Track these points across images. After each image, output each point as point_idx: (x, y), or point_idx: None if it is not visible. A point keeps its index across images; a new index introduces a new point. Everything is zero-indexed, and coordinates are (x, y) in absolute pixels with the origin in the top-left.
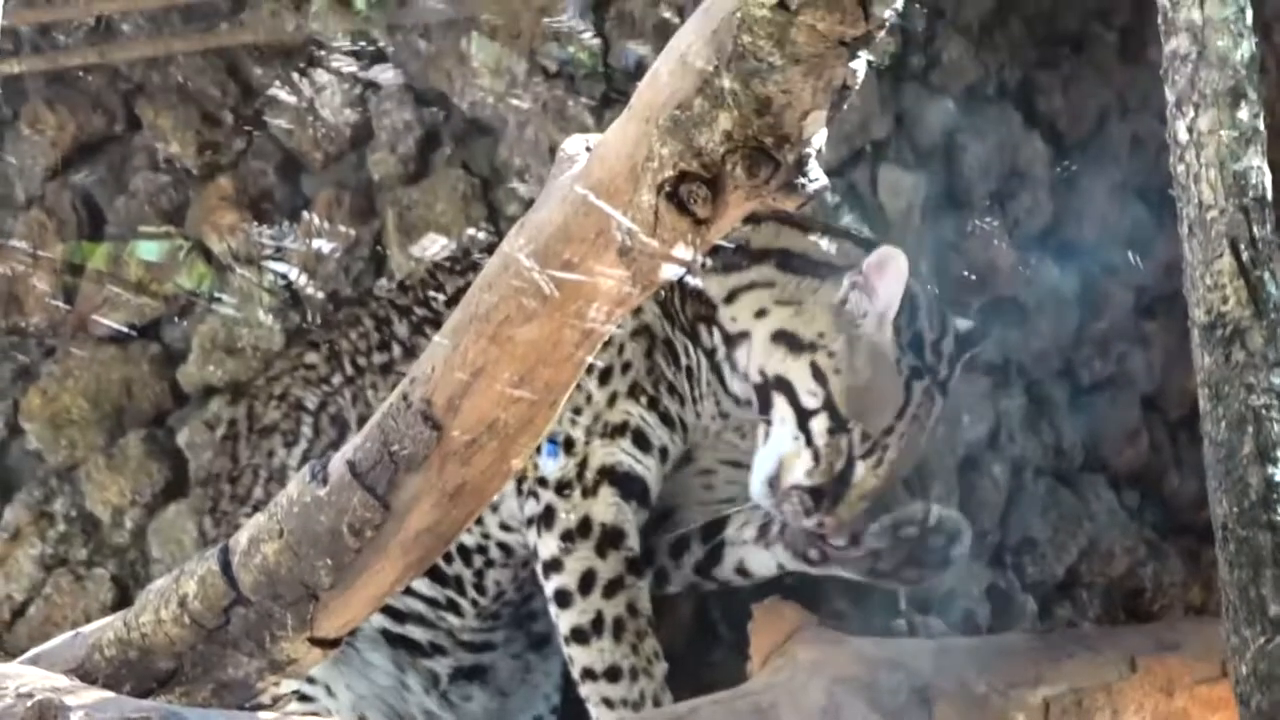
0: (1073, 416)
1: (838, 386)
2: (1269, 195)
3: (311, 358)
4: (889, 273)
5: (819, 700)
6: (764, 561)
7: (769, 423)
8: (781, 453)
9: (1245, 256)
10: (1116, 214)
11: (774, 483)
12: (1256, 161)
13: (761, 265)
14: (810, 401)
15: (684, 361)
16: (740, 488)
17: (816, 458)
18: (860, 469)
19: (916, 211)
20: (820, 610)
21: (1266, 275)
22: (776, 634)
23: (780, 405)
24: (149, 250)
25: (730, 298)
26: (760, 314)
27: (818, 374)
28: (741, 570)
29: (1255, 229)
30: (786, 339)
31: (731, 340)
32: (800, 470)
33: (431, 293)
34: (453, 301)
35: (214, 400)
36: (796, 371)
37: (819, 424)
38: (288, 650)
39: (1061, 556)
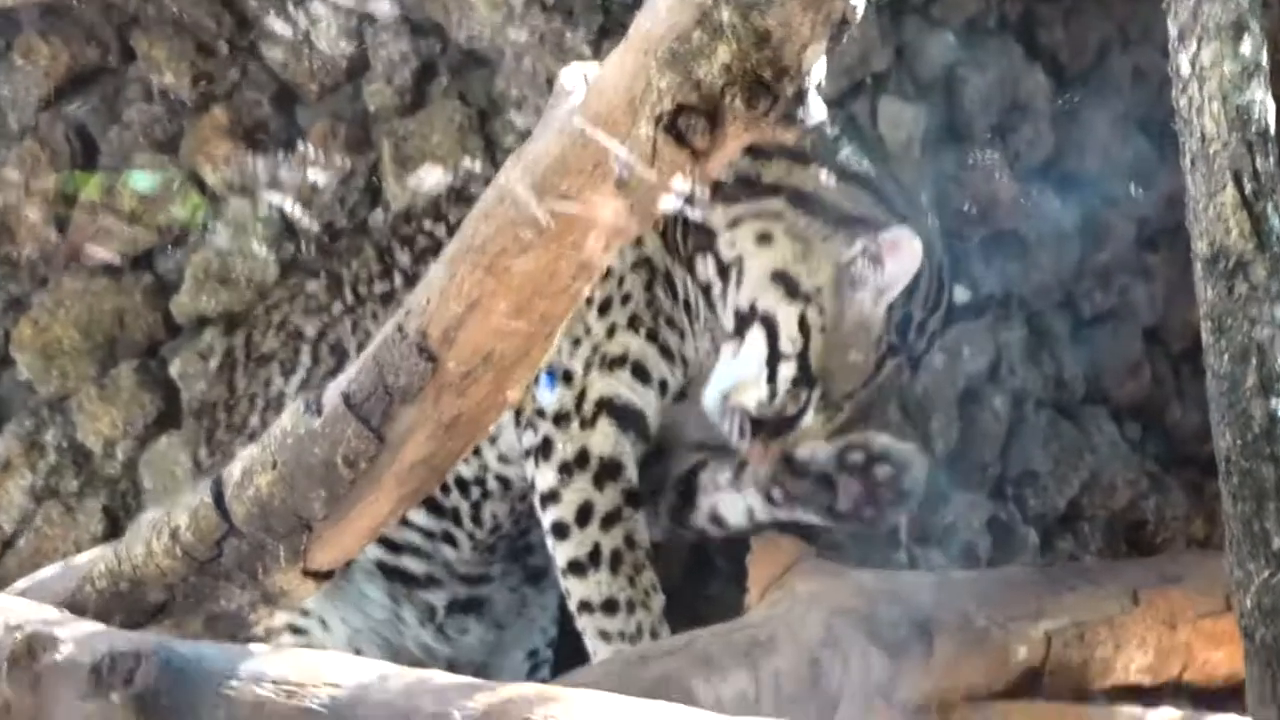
0: (1074, 349)
1: (817, 345)
2: (1272, 129)
3: (312, 286)
4: (901, 255)
5: (817, 633)
6: (736, 507)
7: (740, 342)
8: (740, 376)
9: (1248, 190)
10: (1118, 147)
11: (725, 398)
12: (1259, 95)
13: (771, 198)
14: (787, 348)
15: (683, 295)
16: None
17: (772, 396)
18: (809, 418)
19: (917, 144)
20: (819, 542)
21: (1269, 208)
22: (774, 566)
23: (756, 337)
24: (142, 181)
25: (733, 223)
26: (764, 239)
27: (803, 326)
28: (716, 519)
29: (1258, 162)
30: (786, 282)
31: (726, 270)
32: (752, 398)
33: (432, 223)
34: (453, 232)
35: (207, 331)
36: (785, 316)
37: (786, 370)
38: (280, 582)
39: (1063, 489)
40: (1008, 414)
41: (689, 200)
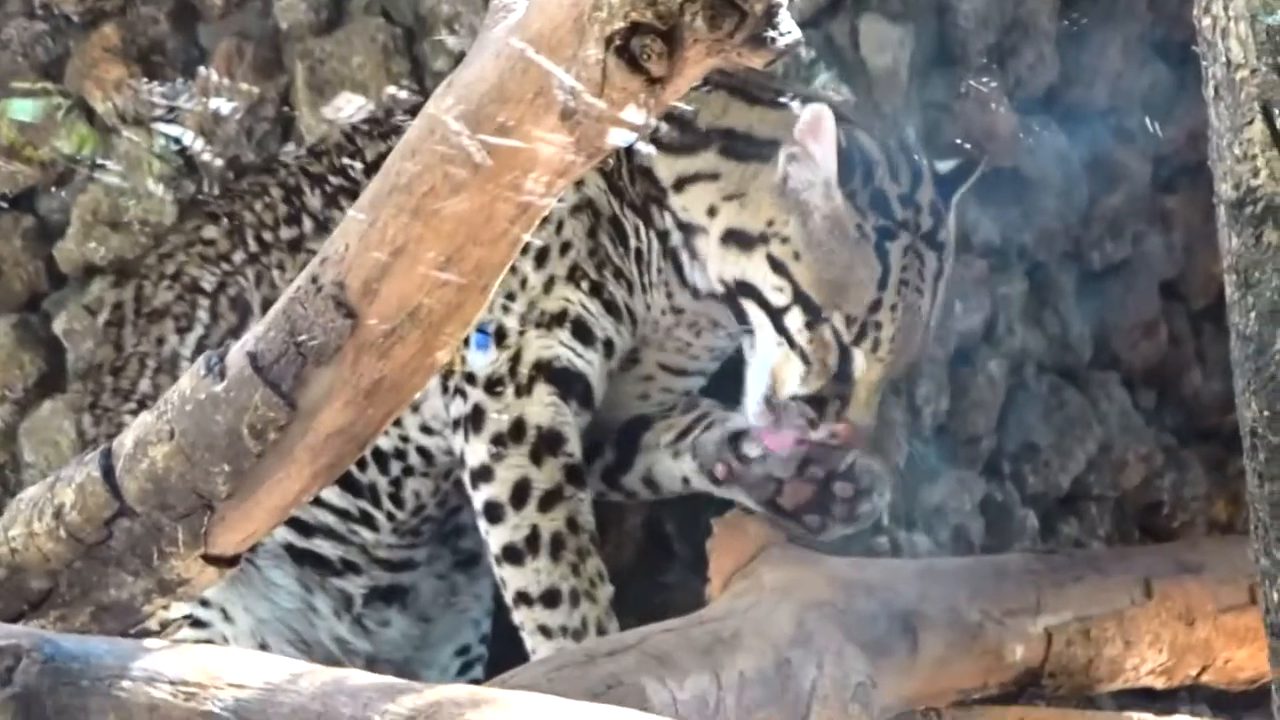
0: (1081, 305)
1: (801, 273)
2: None
3: (210, 232)
4: (822, 133)
5: (787, 628)
6: (670, 472)
7: (750, 333)
8: (770, 364)
9: (1279, 123)
10: (1132, 74)
11: (770, 400)
12: None
13: (707, 151)
14: (778, 298)
15: (633, 243)
16: (677, 397)
17: (805, 359)
18: (858, 357)
19: (904, 70)
20: (789, 527)
21: None
22: (739, 553)
23: (752, 311)
24: (23, 109)
25: (679, 185)
26: (711, 212)
27: (776, 266)
28: (649, 480)
29: None
30: (735, 237)
31: (687, 228)
32: (794, 378)
33: (348, 159)
34: (373, 169)
35: (96, 281)
36: (753, 269)
37: (794, 320)
38: (178, 569)
39: (1067, 465)
40: (1005, 380)
41: (639, 134)
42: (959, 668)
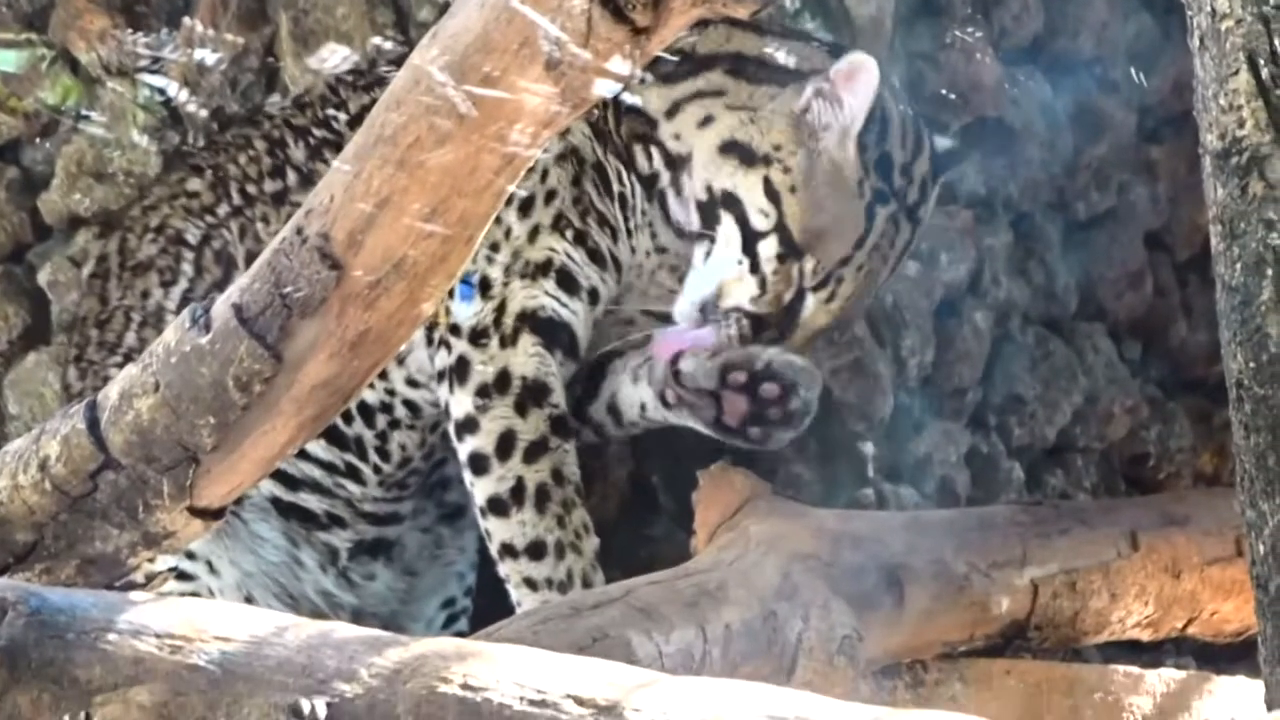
0: (1066, 256)
1: (792, 208)
2: None
3: (194, 184)
4: (859, 82)
5: (773, 581)
6: (630, 399)
7: (712, 240)
8: (723, 276)
9: (1265, 73)
10: (1117, 23)
11: (707, 306)
12: None
13: (710, 72)
14: (760, 222)
15: (616, 189)
16: None
17: (763, 285)
18: (810, 301)
19: (888, 19)
20: (776, 477)
21: None
22: (725, 504)
23: (727, 224)
24: (5, 60)
25: (672, 111)
26: (705, 122)
27: (770, 191)
28: (612, 408)
29: (1276, 41)
30: (739, 150)
31: (675, 162)
32: (744, 295)
33: (332, 111)
34: (357, 121)
35: (80, 233)
36: (748, 187)
37: (768, 247)
38: (164, 521)
39: (1053, 417)
40: (990, 331)
41: (625, 84)
42: (945, 620)
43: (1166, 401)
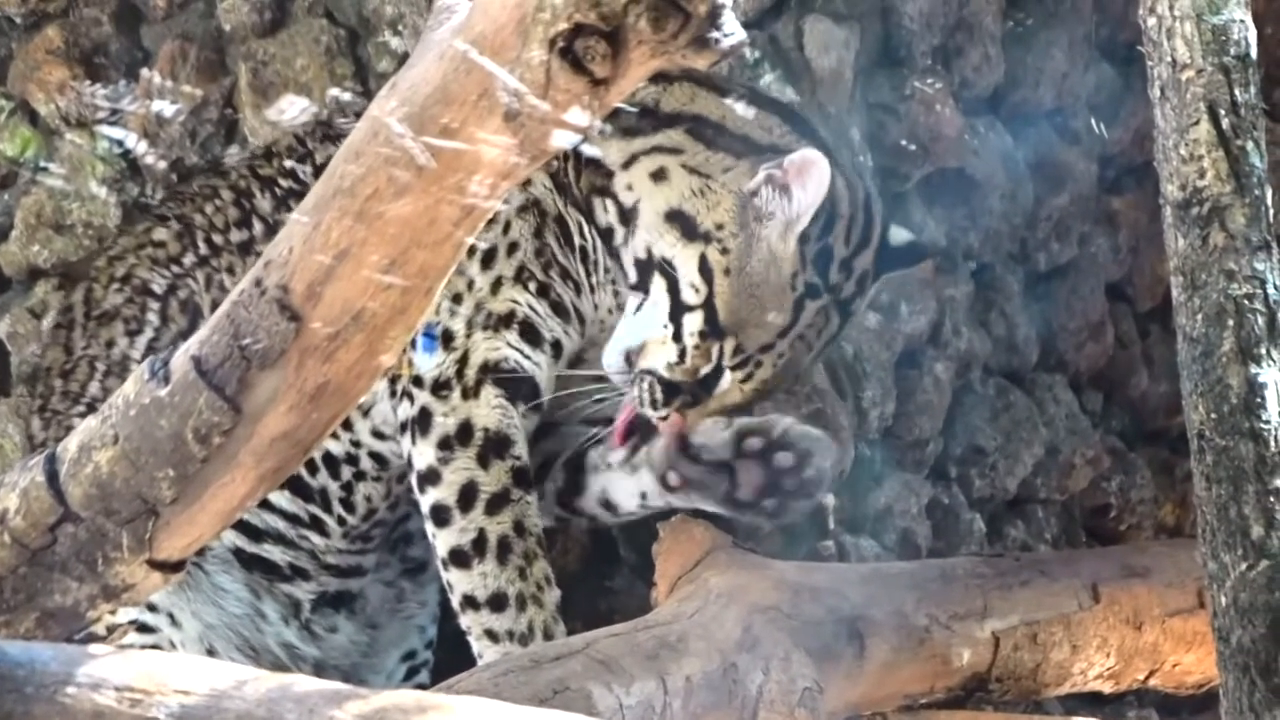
0: (1027, 307)
1: (722, 289)
2: (1253, 53)
3: (160, 234)
4: (809, 179)
5: (733, 633)
6: (628, 490)
7: (645, 295)
8: (646, 334)
9: (1225, 123)
10: (1078, 73)
11: (631, 358)
12: (1238, 14)
13: (671, 130)
14: (690, 296)
15: (578, 241)
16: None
17: (682, 355)
18: (726, 379)
19: (848, 70)
20: (736, 529)
21: (1249, 145)
22: (685, 556)
23: (658, 288)
24: None
25: (629, 163)
26: (658, 176)
27: (705, 269)
28: (606, 503)
29: (1237, 92)
30: (682, 221)
31: (627, 215)
32: (661, 360)
33: (296, 162)
34: (321, 172)
35: (40, 284)
36: (684, 259)
37: (692, 322)
38: (124, 574)
39: (1013, 469)
40: (951, 382)
41: (584, 136)
42: (906, 672)
43: (1128, 452)
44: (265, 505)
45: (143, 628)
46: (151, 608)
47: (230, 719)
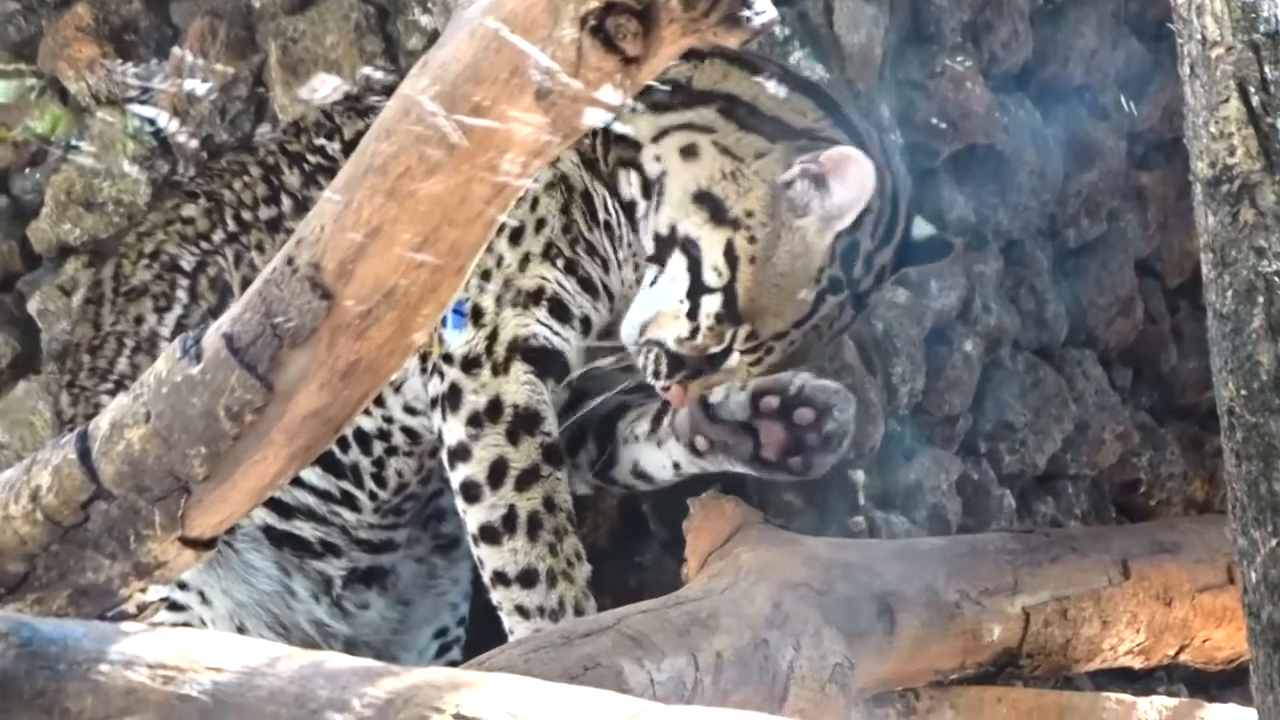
0: (1056, 283)
1: (745, 276)
2: None
3: (190, 210)
4: (850, 179)
5: (764, 609)
6: (659, 461)
7: (661, 268)
8: (660, 308)
9: (1255, 101)
10: (1107, 50)
11: (642, 328)
12: None
13: (703, 107)
14: (711, 279)
15: (603, 217)
16: None
17: (694, 333)
18: (735, 360)
19: (878, 47)
20: (766, 506)
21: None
22: (716, 533)
23: (678, 264)
24: None
25: (660, 135)
26: (688, 152)
27: (730, 255)
28: (639, 473)
29: (1267, 69)
30: (711, 204)
31: (650, 187)
32: (671, 333)
33: (325, 139)
34: (350, 148)
35: (70, 262)
36: (709, 243)
37: (710, 304)
38: (155, 551)
39: (1043, 444)
40: (980, 358)
41: (615, 114)
42: (936, 648)
43: (1157, 428)
44: (296, 482)
45: (173, 605)
46: (182, 585)
47: (263, 696)
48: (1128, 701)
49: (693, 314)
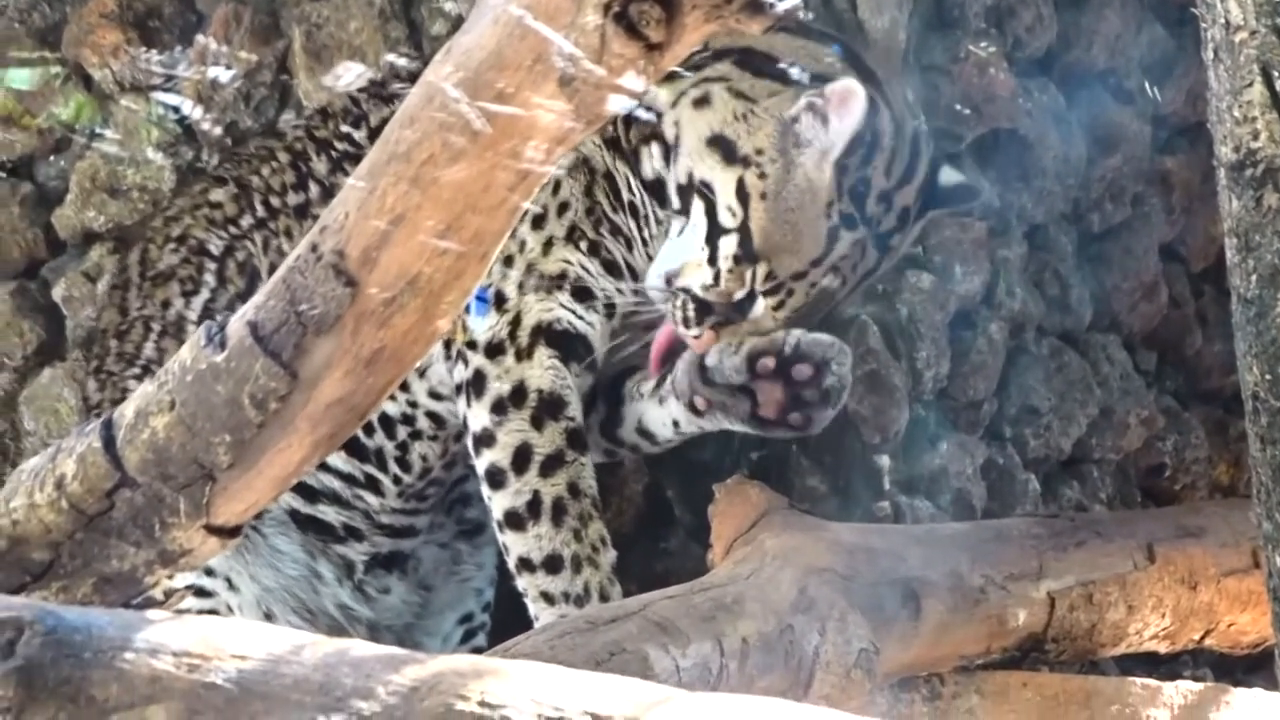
0: (1080, 268)
1: (758, 213)
2: None
3: (217, 195)
4: (847, 109)
5: (789, 594)
6: (660, 419)
7: (686, 219)
8: (685, 257)
9: (1279, 85)
10: (1131, 34)
11: (670, 279)
12: None
13: (718, 63)
14: (727, 219)
15: (626, 197)
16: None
17: (716, 278)
18: (759, 305)
19: (901, 31)
20: (791, 491)
21: None
22: (741, 518)
23: (697, 211)
24: (19, 78)
25: (678, 99)
26: (702, 102)
27: (741, 192)
28: (642, 430)
29: None
30: (723, 145)
31: (670, 148)
32: (696, 281)
33: (351, 125)
34: (377, 134)
35: (95, 248)
36: (722, 183)
37: (727, 245)
38: (180, 539)
39: (1068, 429)
40: (1005, 343)
41: (638, 100)
42: (961, 633)
43: (1182, 412)
44: (321, 466)
45: (200, 592)
46: (209, 572)
47: (287, 684)
48: (1153, 686)
49: (713, 259)
